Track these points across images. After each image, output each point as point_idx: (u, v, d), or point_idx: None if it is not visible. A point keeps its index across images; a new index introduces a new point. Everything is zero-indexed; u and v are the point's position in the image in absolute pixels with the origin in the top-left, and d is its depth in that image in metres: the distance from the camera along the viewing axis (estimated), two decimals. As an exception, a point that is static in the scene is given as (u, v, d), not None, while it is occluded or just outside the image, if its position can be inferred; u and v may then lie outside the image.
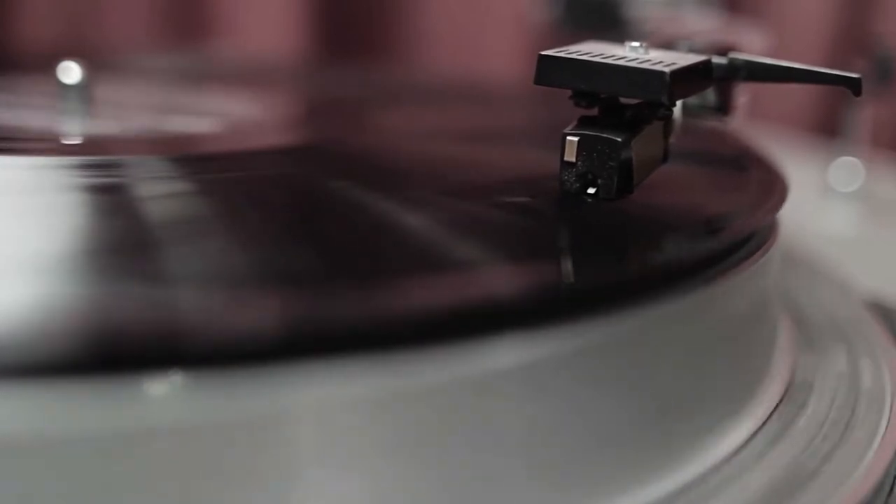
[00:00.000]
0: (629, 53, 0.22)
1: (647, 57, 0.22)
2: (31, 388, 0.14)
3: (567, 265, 0.19)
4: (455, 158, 0.28)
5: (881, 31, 0.64)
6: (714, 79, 0.23)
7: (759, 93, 0.29)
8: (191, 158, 0.27)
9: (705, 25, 0.39)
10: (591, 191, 0.22)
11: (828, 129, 0.60)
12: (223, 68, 0.48)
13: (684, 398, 0.19)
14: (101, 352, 0.14)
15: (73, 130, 0.32)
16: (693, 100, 0.27)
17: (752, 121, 0.34)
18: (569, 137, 0.22)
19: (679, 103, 0.24)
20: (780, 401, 0.22)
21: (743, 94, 0.29)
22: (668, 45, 0.26)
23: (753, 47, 0.31)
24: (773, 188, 0.24)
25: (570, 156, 0.22)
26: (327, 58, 0.66)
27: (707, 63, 0.23)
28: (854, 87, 0.22)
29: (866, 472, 0.19)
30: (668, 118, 0.23)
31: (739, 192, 0.25)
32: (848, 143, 0.46)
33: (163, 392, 0.14)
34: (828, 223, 0.43)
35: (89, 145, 0.31)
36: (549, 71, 0.22)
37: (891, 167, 0.50)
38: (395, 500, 0.16)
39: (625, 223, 0.21)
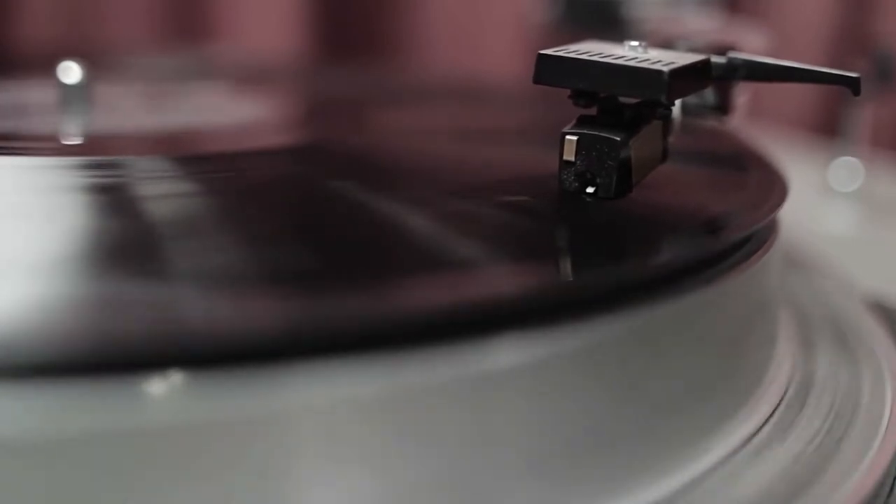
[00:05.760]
0: (628, 53, 0.22)
1: (646, 56, 0.22)
2: (31, 388, 0.14)
3: (566, 265, 0.19)
4: (455, 158, 0.28)
5: (881, 31, 0.64)
6: (713, 78, 0.23)
7: (759, 93, 0.29)
8: (191, 158, 0.27)
9: (705, 25, 0.39)
10: (590, 190, 0.22)
11: (828, 129, 0.60)
12: (223, 68, 0.48)
13: (684, 398, 0.19)
14: (101, 352, 0.14)
15: (73, 130, 0.32)
16: (692, 99, 0.27)
17: (752, 121, 0.34)
18: (568, 136, 0.22)
19: (678, 103, 0.24)
20: (781, 401, 0.22)
21: (742, 93, 0.29)
22: (667, 44, 0.26)
23: (753, 47, 0.31)
24: (773, 188, 0.24)
25: (569, 155, 0.22)
26: (327, 58, 0.66)
27: (706, 62, 0.23)
28: (853, 86, 0.22)
29: (866, 472, 0.19)
30: (667, 117, 0.23)
31: (739, 192, 0.25)
32: (848, 143, 0.46)
33: (163, 392, 0.14)
34: (828, 223, 0.43)
35: (89, 145, 0.31)
36: (549, 70, 0.22)
37: (891, 167, 0.50)
38: (394, 500, 0.16)
39: (624, 223, 0.21)
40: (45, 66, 0.33)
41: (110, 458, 0.14)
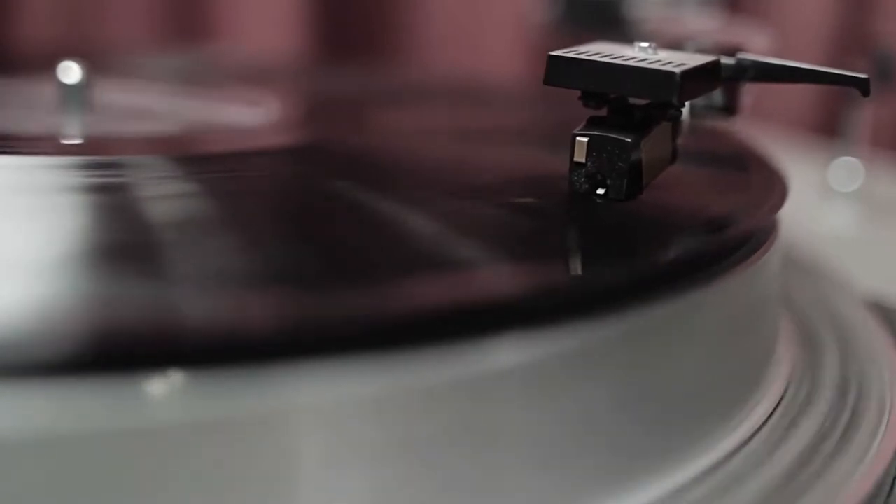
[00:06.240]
0: (638, 54, 0.22)
1: (656, 57, 0.22)
2: (31, 388, 0.14)
3: (567, 264, 0.19)
4: (455, 158, 0.28)
5: (881, 31, 0.64)
6: (722, 79, 0.23)
7: (759, 93, 0.29)
8: (191, 158, 0.27)
9: (706, 25, 0.39)
10: (600, 191, 0.22)
11: (828, 129, 0.60)
12: (223, 68, 0.48)
13: (684, 398, 0.19)
14: (101, 352, 0.14)
15: (73, 130, 0.32)
16: (700, 100, 0.27)
17: (753, 121, 0.34)
18: (578, 138, 0.22)
19: (687, 103, 0.24)
20: (780, 401, 0.22)
21: (748, 94, 0.29)
22: (675, 45, 0.26)
23: (758, 47, 0.31)
24: (773, 188, 0.24)
25: (580, 156, 0.22)
26: (327, 58, 0.66)
27: (716, 63, 0.23)
28: (862, 87, 0.22)
29: (866, 472, 0.19)
30: (677, 119, 0.23)
31: (740, 192, 0.25)
32: (848, 143, 0.46)
33: (163, 392, 0.14)
34: (828, 223, 0.43)
35: (89, 145, 0.31)
36: (559, 71, 0.22)
37: (891, 167, 0.50)
38: (394, 500, 0.16)
39: (624, 223, 0.21)
40: (45, 66, 0.33)
41: (110, 458, 0.14)
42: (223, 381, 0.14)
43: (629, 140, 0.21)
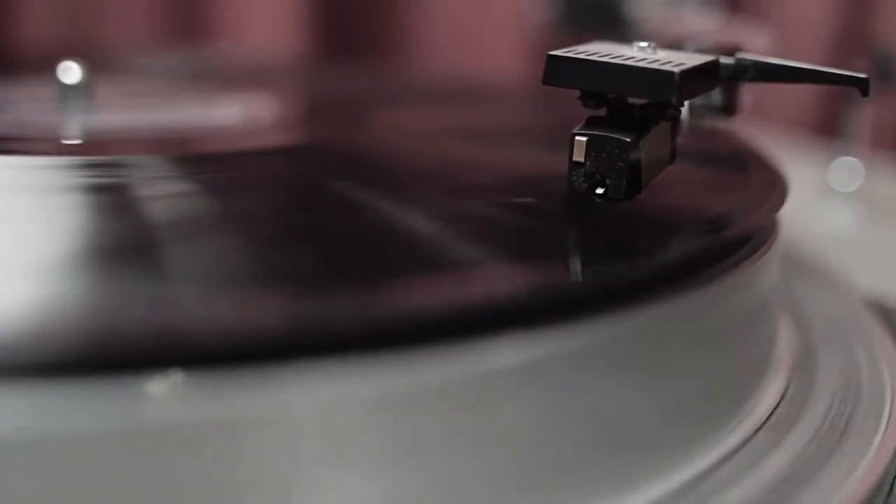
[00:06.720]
0: (637, 53, 0.22)
1: (655, 57, 0.22)
2: (31, 388, 0.14)
3: (567, 265, 0.19)
4: (455, 158, 0.28)
5: (881, 31, 0.64)
6: (722, 79, 0.23)
7: (759, 93, 0.29)
8: (191, 158, 0.27)
9: (706, 25, 0.39)
10: (599, 191, 0.22)
11: (828, 129, 0.60)
12: (223, 68, 0.48)
13: (684, 398, 0.19)
14: (101, 352, 0.14)
15: (73, 131, 0.32)
16: (699, 100, 0.27)
17: (753, 121, 0.34)
18: (577, 137, 0.22)
19: (686, 103, 0.24)
20: (780, 401, 0.22)
21: (748, 94, 0.29)
22: (675, 45, 0.26)
23: (758, 47, 0.31)
24: (773, 188, 0.24)
25: (579, 156, 0.22)
26: (327, 58, 0.66)
27: (715, 63, 0.23)
28: (862, 87, 0.22)
29: (866, 472, 0.19)
30: (676, 118, 0.23)
31: (740, 192, 0.25)
32: (848, 143, 0.46)
33: (163, 392, 0.14)
34: (828, 223, 0.43)
35: (89, 145, 0.31)
36: (558, 71, 0.22)
37: (891, 167, 0.50)
38: (394, 501, 0.16)
39: (624, 223, 0.21)
40: (45, 66, 0.33)
41: (110, 458, 0.14)
42: (224, 381, 0.14)
43: (628, 140, 0.21)
